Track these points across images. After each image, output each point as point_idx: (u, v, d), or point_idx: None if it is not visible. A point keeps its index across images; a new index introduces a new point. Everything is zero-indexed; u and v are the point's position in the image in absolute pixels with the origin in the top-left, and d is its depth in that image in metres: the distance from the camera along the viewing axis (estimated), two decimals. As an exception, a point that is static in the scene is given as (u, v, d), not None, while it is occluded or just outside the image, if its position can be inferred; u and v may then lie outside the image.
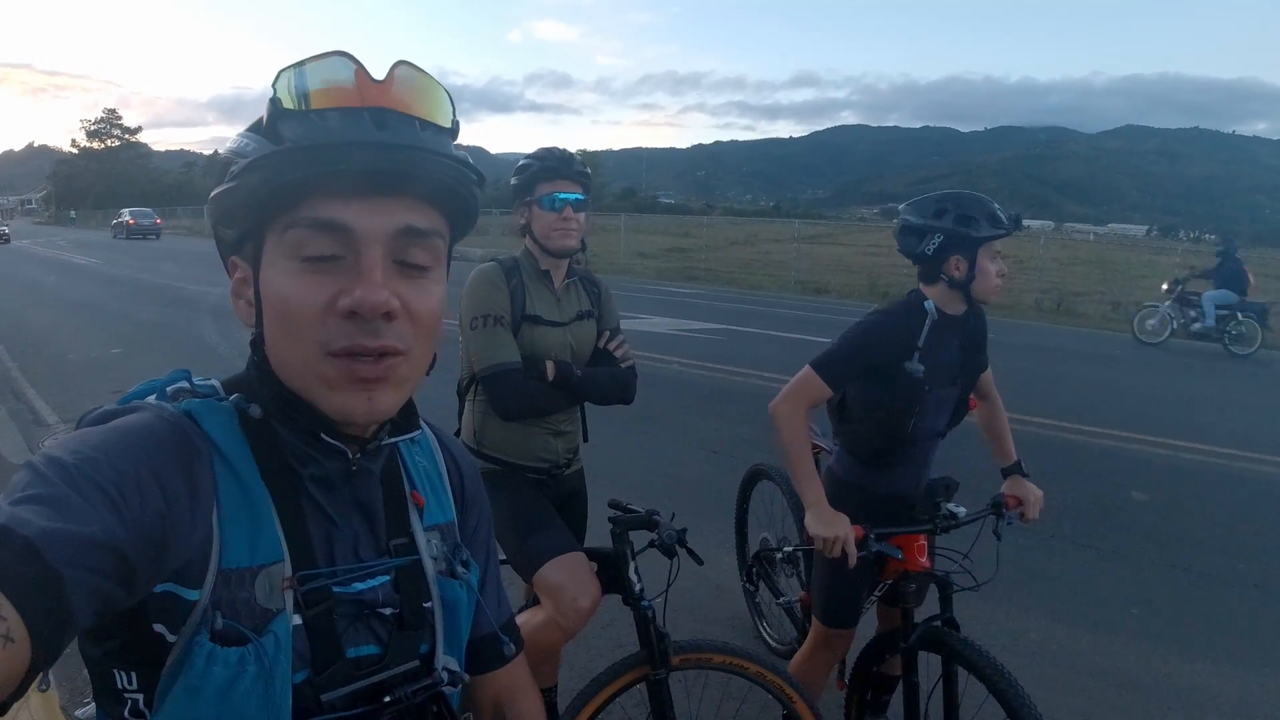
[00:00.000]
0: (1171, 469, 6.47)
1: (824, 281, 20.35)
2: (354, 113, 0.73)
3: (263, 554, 0.78)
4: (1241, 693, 3.39)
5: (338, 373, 0.75)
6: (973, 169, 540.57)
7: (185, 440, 0.76)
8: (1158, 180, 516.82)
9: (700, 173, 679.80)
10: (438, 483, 1.01)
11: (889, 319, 2.31)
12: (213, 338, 10.70)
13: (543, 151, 2.42)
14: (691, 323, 13.28)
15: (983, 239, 2.21)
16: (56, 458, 0.66)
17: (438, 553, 0.94)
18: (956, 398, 2.43)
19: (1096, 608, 4.07)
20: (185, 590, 0.73)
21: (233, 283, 0.83)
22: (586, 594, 2.15)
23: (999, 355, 2.56)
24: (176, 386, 0.84)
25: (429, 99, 0.78)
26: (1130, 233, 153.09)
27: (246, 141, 0.77)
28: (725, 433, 6.35)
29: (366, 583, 0.86)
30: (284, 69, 0.75)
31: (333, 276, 0.75)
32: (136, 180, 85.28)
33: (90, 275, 20.36)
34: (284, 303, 0.75)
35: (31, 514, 0.59)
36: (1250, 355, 12.95)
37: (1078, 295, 20.87)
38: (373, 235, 0.75)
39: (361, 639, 0.85)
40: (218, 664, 0.72)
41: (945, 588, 2.27)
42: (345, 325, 0.74)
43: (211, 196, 0.79)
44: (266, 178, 0.73)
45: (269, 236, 0.77)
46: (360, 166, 0.72)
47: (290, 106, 0.74)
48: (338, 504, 0.86)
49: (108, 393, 7.44)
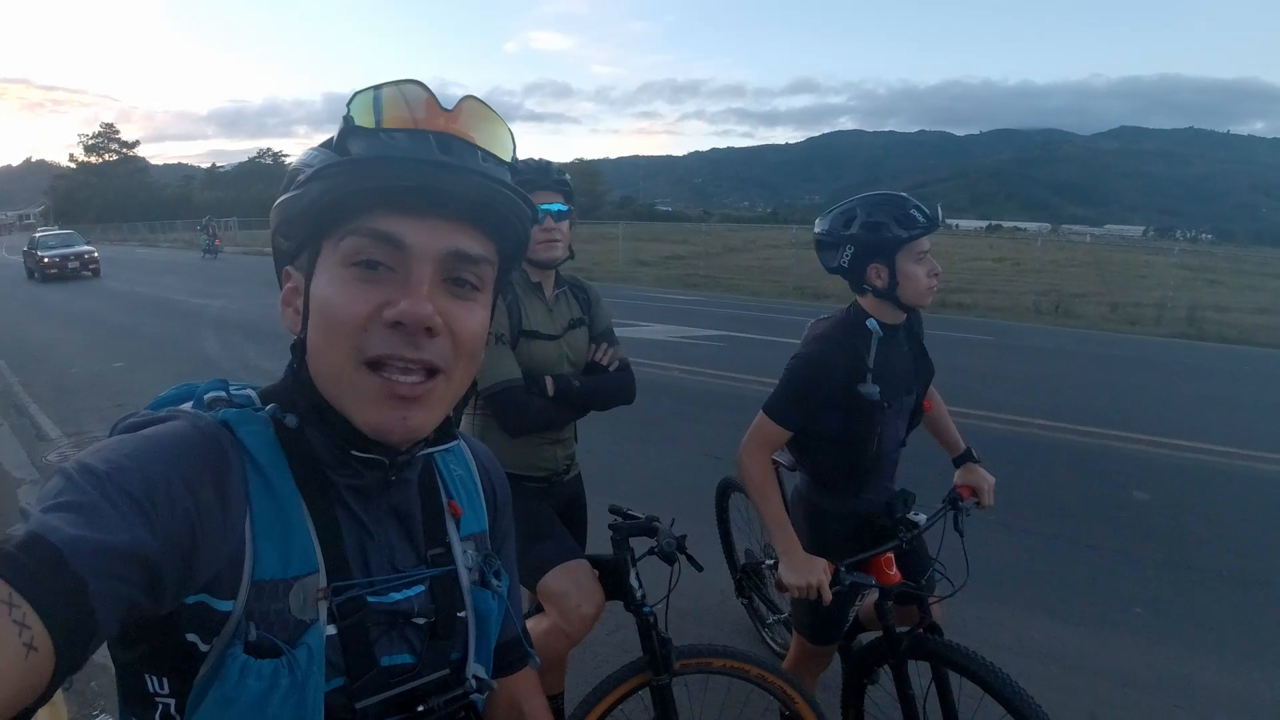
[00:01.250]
0: (1173, 468, 6.47)
1: (822, 286, 20.34)
2: (420, 134, 0.76)
3: (296, 565, 0.78)
4: (1246, 691, 3.39)
5: (373, 388, 0.76)
6: (969, 172, 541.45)
7: (219, 450, 0.76)
8: (1154, 181, 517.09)
9: (697, 180, 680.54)
10: (473, 492, 1.02)
11: (830, 347, 2.19)
12: (215, 351, 10.70)
13: (520, 164, 2.36)
14: (691, 329, 13.29)
15: (896, 242, 2.11)
16: (89, 465, 0.66)
17: (472, 563, 0.95)
18: (913, 406, 2.37)
19: (1100, 608, 4.08)
20: (218, 602, 0.73)
21: (284, 292, 0.85)
22: (590, 601, 2.16)
23: (998, 358, 2.57)
24: (214, 395, 0.84)
25: (492, 132, 0.81)
26: (1127, 233, 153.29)
27: (315, 154, 0.79)
28: (726, 438, 6.33)
29: (403, 593, 0.87)
30: (360, 91, 0.78)
31: (381, 287, 0.76)
32: (135, 194, 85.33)
33: (90, 289, 20.38)
34: (329, 307, 0.77)
35: (61, 521, 0.60)
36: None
37: (1076, 297, 20.87)
38: (425, 252, 0.76)
39: (396, 648, 0.86)
40: (251, 676, 0.73)
41: (921, 596, 2.25)
42: (387, 335, 0.75)
43: (275, 204, 0.81)
44: (330, 186, 0.75)
45: (325, 246, 0.79)
46: (422, 183, 0.74)
47: (362, 124, 0.76)
48: (373, 513, 0.87)
49: (110, 406, 7.47)
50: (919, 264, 2.14)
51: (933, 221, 2.12)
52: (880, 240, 2.12)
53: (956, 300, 19.82)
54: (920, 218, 2.10)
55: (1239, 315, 18.96)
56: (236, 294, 16.09)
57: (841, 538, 2.31)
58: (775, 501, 2.17)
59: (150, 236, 55.60)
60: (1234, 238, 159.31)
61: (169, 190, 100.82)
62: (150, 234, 56.46)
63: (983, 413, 7.45)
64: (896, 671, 2.21)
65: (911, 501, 2.24)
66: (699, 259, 28.26)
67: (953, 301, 19.55)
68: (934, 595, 2.29)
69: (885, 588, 2.17)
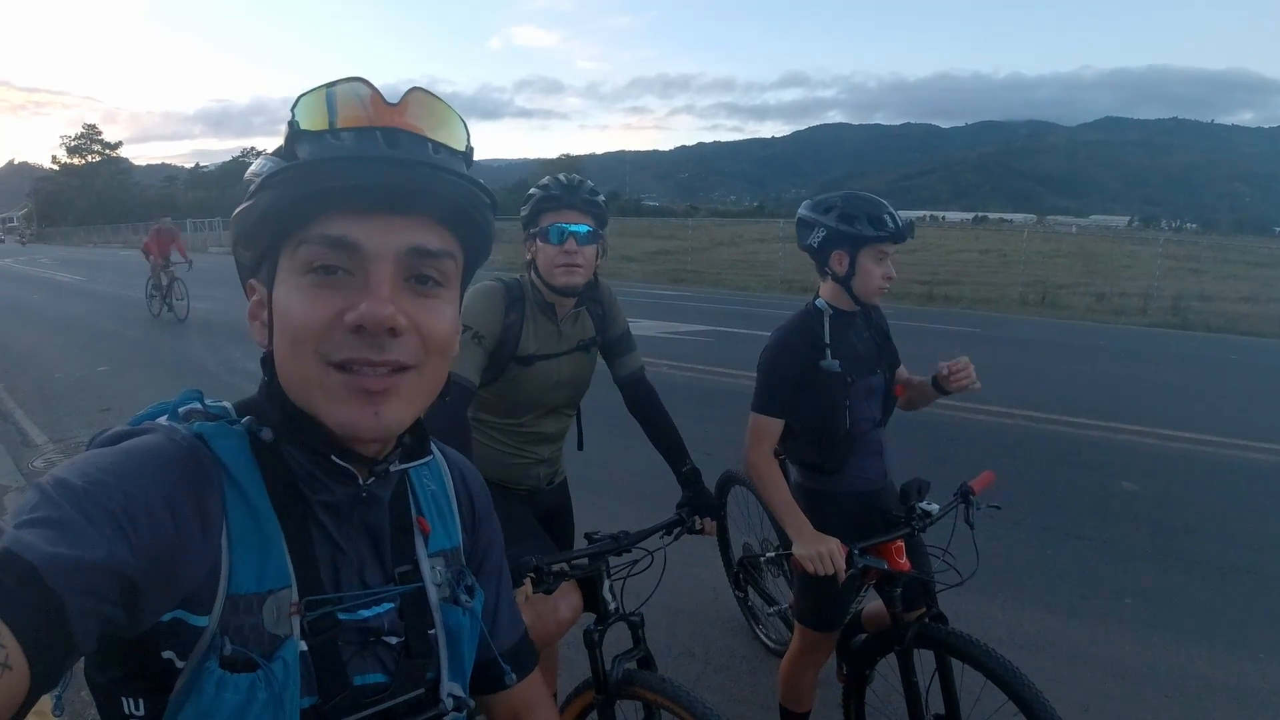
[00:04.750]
0: (1160, 458, 6.52)
1: (809, 280, 20.30)
2: (367, 132, 0.75)
3: (270, 579, 0.78)
4: (1237, 679, 3.41)
5: (342, 385, 0.75)
6: (954, 164, 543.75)
7: (196, 464, 0.75)
8: (1138, 171, 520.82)
9: (684, 174, 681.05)
10: (445, 507, 1.00)
11: (788, 331, 2.37)
12: (200, 354, 10.61)
13: (549, 179, 2.22)
14: (680, 325, 13.32)
15: (863, 238, 2.26)
16: (65, 480, 0.65)
17: (441, 579, 0.94)
18: (883, 387, 2.47)
19: (1090, 598, 4.10)
20: (193, 616, 0.73)
21: (250, 305, 0.84)
22: (567, 604, 2.11)
23: (986, 350, 2.58)
24: (189, 408, 0.84)
25: (442, 123, 0.79)
26: (1112, 224, 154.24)
27: (265, 162, 0.78)
28: (717, 434, 6.30)
29: (372, 610, 0.86)
30: (303, 94, 0.77)
31: (340, 292, 0.75)
32: (118, 196, 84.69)
33: (74, 292, 20.18)
34: (290, 317, 0.76)
35: (36, 538, 0.59)
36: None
37: (1062, 288, 21.01)
38: (381, 252, 0.75)
39: (369, 667, 0.85)
40: (228, 690, 0.72)
41: (928, 585, 2.29)
42: (351, 339, 0.74)
43: (232, 217, 0.80)
44: (280, 194, 0.74)
45: (282, 255, 0.78)
46: (370, 181, 0.73)
47: (307, 128, 0.75)
48: (345, 530, 0.86)
49: (95, 411, 7.40)
50: (877, 264, 2.30)
51: (900, 233, 2.27)
52: (850, 233, 2.27)
53: (943, 292, 19.90)
54: (890, 224, 2.26)
55: (1223, 304, 19.13)
56: (222, 296, 15.95)
57: (842, 517, 2.37)
58: (782, 489, 2.29)
59: (134, 239, 55.07)
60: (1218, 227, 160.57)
61: (152, 191, 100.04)
62: (134, 236, 55.93)
63: (971, 405, 7.46)
64: (902, 660, 2.24)
65: (925, 490, 2.27)
66: (686, 254, 28.30)
67: (939, 294, 19.63)
68: (940, 584, 2.31)
69: (895, 574, 2.21)
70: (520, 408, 2.32)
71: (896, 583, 2.22)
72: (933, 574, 2.35)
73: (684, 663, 3.38)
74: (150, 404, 0.86)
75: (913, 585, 2.27)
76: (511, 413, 2.32)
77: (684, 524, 2.29)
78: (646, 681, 1.97)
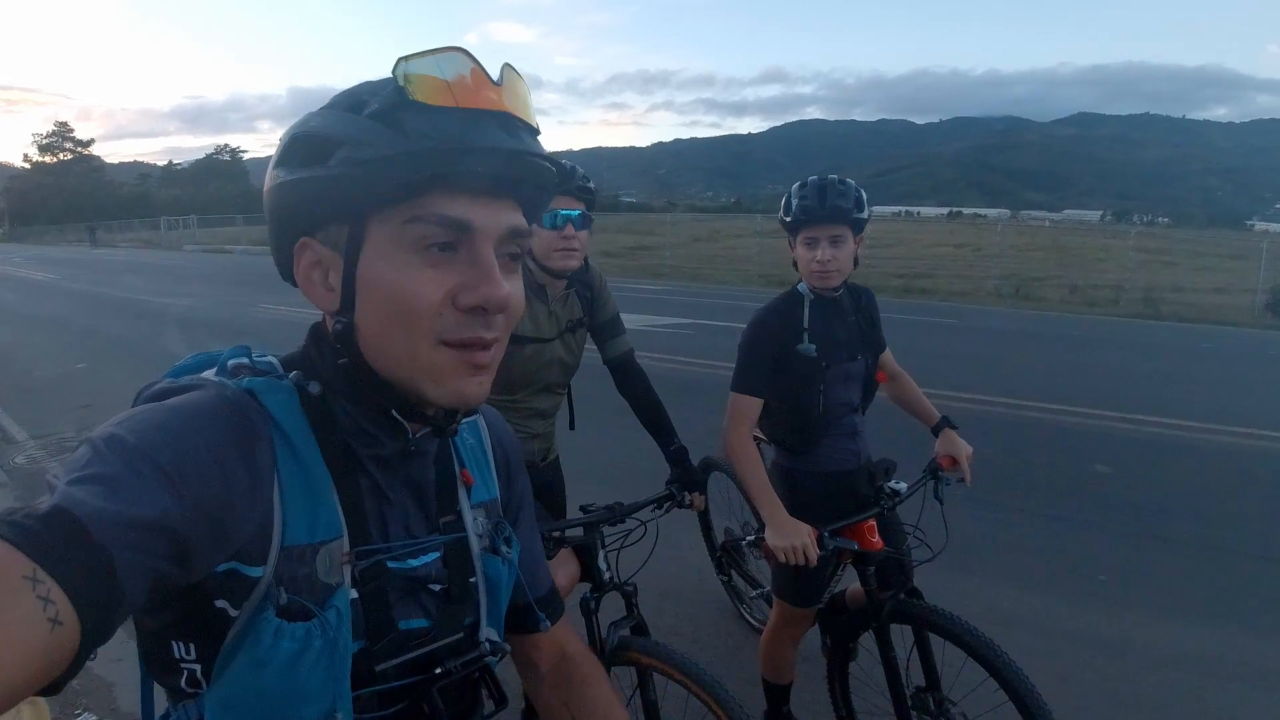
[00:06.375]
0: (1133, 442, 6.66)
1: (786, 275, 20.33)
2: (482, 115, 0.75)
3: (322, 530, 0.79)
4: (1209, 649, 3.52)
5: (454, 362, 0.78)
6: (930, 160, 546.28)
7: (246, 419, 0.76)
8: (1111, 166, 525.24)
9: (661, 170, 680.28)
10: (483, 460, 1.03)
11: (768, 312, 2.42)
12: (180, 350, 10.48)
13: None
14: (659, 318, 13.37)
15: (793, 225, 2.33)
16: (117, 436, 0.66)
17: (483, 530, 0.97)
18: (864, 373, 2.49)
19: (1067, 576, 4.20)
20: (248, 568, 0.74)
21: (302, 265, 0.82)
22: (565, 572, 2.15)
23: (963, 341, 2.65)
24: (237, 362, 0.84)
25: (527, 103, 0.80)
26: (1085, 218, 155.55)
27: (357, 127, 0.74)
28: (698, 423, 6.30)
29: (419, 559, 0.89)
30: (403, 58, 0.74)
31: (451, 270, 0.76)
32: (91, 194, 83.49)
33: (51, 290, 19.97)
34: (402, 295, 0.75)
35: (86, 494, 0.60)
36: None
37: (1036, 280, 21.24)
38: (489, 233, 0.77)
39: (412, 612, 0.88)
40: (285, 638, 0.74)
41: (902, 562, 2.34)
42: (465, 319, 0.77)
43: (299, 179, 0.77)
44: (391, 172, 0.73)
45: (375, 226, 0.76)
46: (491, 171, 0.75)
47: (420, 99, 0.73)
48: (391, 482, 0.88)
49: (76, 408, 7.37)
50: (808, 249, 2.31)
51: (798, 220, 2.29)
52: (785, 220, 2.37)
53: (920, 285, 20.08)
54: (799, 211, 2.29)
55: (1194, 295, 19.42)
56: (200, 293, 15.86)
57: (815, 496, 2.42)
58: (758, 471, 2.28)
59: (108, 236, 54.44)
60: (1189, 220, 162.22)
61: (125, 189, 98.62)
62: (108, 234, 55.25)
63: (949, 393, 7.58)
64: (880, 635, 2.28)
65: (893, 470, 2.31)
66: (665, 249, 28.32)
67: (916, 286, 19.80)
68: (914, 560, 2.37)
69: (868, 553, 2.25)
70: (515, 385, 2.37)
71: (870, 561, 2.25)
72: (908, 551, 2.41)
73: (672, 641, 3.37)
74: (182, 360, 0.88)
75: (888, 563, 2.31)
76: (506, 389, 2.37)
77: (674, 498, 2.37)
78: (641, 646, 2.02)
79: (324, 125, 0.76)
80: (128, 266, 27.72)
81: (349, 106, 0.76)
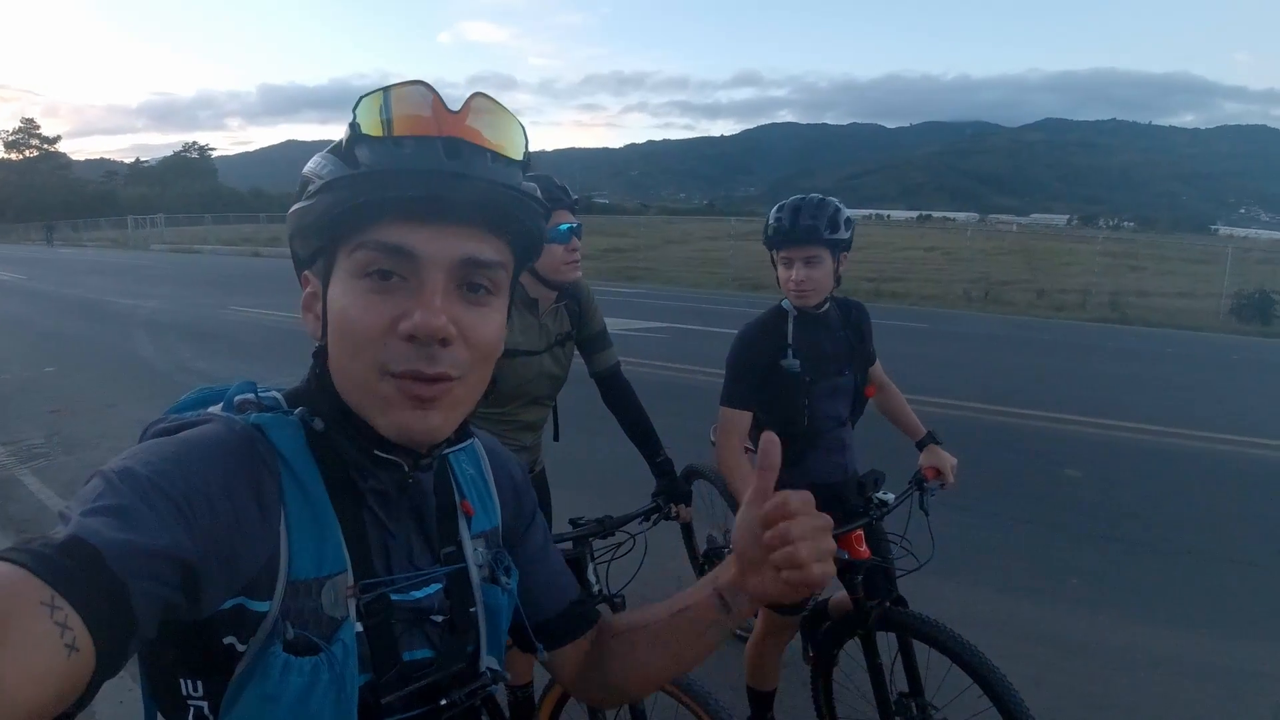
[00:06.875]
0: (1101, 446, 6.77)
1: (760, 278, 20.55)
2: (428, 141, 0.75)
3: (328, 565, 0.80)
4: (1177, 651, 3.60)
5: (395, 392, 0.78)
6: (900, 164, 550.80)
7: (254, 453, 0.78)
8: (1078, 171, 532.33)
9: (634, 172, 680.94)
10: (484, 489, 1.04)
11: (754, 327, 2.48)
12: (149, 353, 10.39)
13: (541, 180, 2.28)
14: (635, 322, 13.39)
15: (769, 244, 2.40)
16: (129, 469, 0.68)
17: (483, 560, 0.97)
18: (851, 387, 2.54)
19: (1038, 579, 4.28)
20: (254, 603, 0.75)
21: (304, 296, 0.86)
22: None
23: (933, 345, 2.69)
24: (243, 398, 0.85)
25: (502, 131, 0.80)
26: (1053, 222, 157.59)
27: (325, 163, 0.79)
28: (677, 429, 6.31)
29: (422, 591, 0.89)
30: (365, 95, 0.77)
31: (394, 298, 0.77)
32: (57, 191, 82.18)
33: (13, 291, 19.57)
34: (347, 320, 0.77)
35: (101, 524, 0.61)
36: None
37: (1004, 284, 21.47)
38: (435, 261, 0.76)
39: (416, 643, 0.88)
40: (293, 673, 0.75)
41: (888, 570, 2.38)
42: (404, 348, 0.76)
43: (290, 212, 0.81)
44: (339, 199, 0.76)
45: (340, 254, 0.79)
46: (428, 194, 0.74)
47: (369, 132, 0.76)
48: (393, 515, 0.88)
49: (45, 413, 7.24)
50: (784, 269, 2.40)
51: (778, 240, 2.35)
52: (765, 239, 2.42)
53: (890, 289, 20.24)
54: (774, 232, 2.36)
55: (1160, 299, 19.72)
56: (168, 294, 15.64)
57: None
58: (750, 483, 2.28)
59: (74, 235, 53.53)
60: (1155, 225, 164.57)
61: (91, 187, 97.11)
62: (74, 233, 54.34)
63: (922, 397, 7.65)
64: (866, 643, 2.33)
65: (881, 481, 2.34)
66: (638, 251, 28.37)
67: (887, 290, 19.95)
68: (900, 569, 2.41)
69: (855, 563, 2.28)
70: (504, 397, 2.39)
71: (857, 570, 2.29)
72: (893, 560, 2.44)
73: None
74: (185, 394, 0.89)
75: (874, 572, 2.35)
76: (496, 402, 2.39)
77: (661, 510, 2.40)
78: None
79: (311, 163, 0.81)
80: (94, 267, 27.26)
81: (333, 147, 0.81)
